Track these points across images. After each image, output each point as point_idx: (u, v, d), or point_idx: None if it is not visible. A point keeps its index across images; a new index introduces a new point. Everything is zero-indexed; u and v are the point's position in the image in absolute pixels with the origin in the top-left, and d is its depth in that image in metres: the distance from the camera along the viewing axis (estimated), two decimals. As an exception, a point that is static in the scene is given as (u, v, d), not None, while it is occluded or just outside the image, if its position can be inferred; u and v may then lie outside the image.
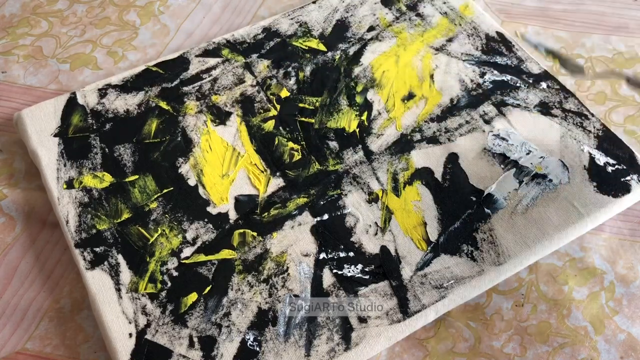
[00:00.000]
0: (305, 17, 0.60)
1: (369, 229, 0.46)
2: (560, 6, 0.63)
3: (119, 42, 0.61)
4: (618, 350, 0.41)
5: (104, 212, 0.47)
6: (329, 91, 0.54)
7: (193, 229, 0.46)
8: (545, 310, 0.43)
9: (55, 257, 0.47)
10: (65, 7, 0.64)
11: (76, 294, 0.45)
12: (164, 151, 0.50)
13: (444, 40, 0.58)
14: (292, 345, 0.41)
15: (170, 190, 0.48)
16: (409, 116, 0.52)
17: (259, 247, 0.45)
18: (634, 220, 0.47)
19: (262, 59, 0.56)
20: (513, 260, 0.44)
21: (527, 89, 0.54)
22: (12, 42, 0.61)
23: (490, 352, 0.42)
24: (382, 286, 0.43)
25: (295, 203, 0.47)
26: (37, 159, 0.50)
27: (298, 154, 0.50)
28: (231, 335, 0.41)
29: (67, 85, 0.57)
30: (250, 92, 0.54)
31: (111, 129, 0.52)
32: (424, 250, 0.45)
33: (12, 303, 0.44)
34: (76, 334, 0.43)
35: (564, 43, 0.59)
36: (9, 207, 0.49)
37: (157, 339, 0.41)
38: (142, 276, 0.44)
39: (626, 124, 0.53)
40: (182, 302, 0.42)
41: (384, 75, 0.55)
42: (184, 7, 0.64)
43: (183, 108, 0.53)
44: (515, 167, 0.48)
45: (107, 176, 0.49)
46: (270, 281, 0.43)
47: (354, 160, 0.50)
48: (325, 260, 0.44)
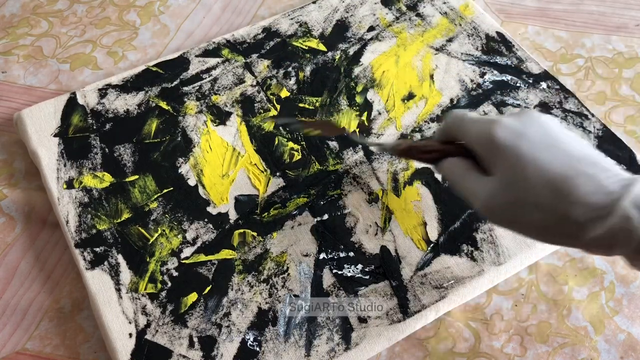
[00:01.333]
0: (305, 17, 0.60)
1: (369, 229, 0.46)
2: (560, 6, 0.63)
3: (119, 42, 0.61)
4: (618, 350, 0.41)
5: (104, 212, 0.47)
6: (329, 91, 0.54)
7: (193, 229, 0.46)
8: (545, 310, 0.43)
9: (55, 257, 0.47)
10: (65, 7, 0.64)
11: (76, 294, 0.45)
12: (164, 151, 0.50)
13: (444, 40, 0.58)
14: (292, 345, 0.41)
15: (170, 190, 0.48)
16: (409, 116, 0.52)
17: (259, 247, 0.45)
18: (634, 220, 0.47)
19: (262, 59, 0.56)
20: (513, 260, 0.44)
21: (527, 89, 0.54)
22: (12, 42, 0.61)
23: (490, 352, 0.42)
24: (382, 286, 0.43)
25: (295, 203, 0.47)
26: (37, 159, 0.50)
27: (298, 154, 0.50)
28: (231, 335, 0.41)
29: (67, 85, 0.57)
30: (250, 92, 0.54)
31: (111, 129, 0.52)
32: (424, 250, 0.45)
33: (12, 303, 0.44)
34: (76, 334, 0.43)
35: (564, 43, 0.59)
36: (9, 207, 0.49)
37: (157, 339, 0.41)
38: (142, 276, 0.44)
39: (626, 124, 0.53)
40: (182, 302, 0.42)
41: (384, 75, 0.55)
42: (184, 7, 0.64)
43: (183, 108, 0.53)
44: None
45: (107, 176, 0.49)
46: (270, 281, 0.43)
47: (354, 160, 0.50)
48: (325, 260, 0.44)
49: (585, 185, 0.30)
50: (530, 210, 0.32)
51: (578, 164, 0.31)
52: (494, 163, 0.34)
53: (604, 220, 0.30)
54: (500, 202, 0.33)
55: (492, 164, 0.34)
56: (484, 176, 0.35)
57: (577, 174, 0.31)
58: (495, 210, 0.34)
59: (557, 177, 0.31)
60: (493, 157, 0.34)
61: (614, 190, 0.30)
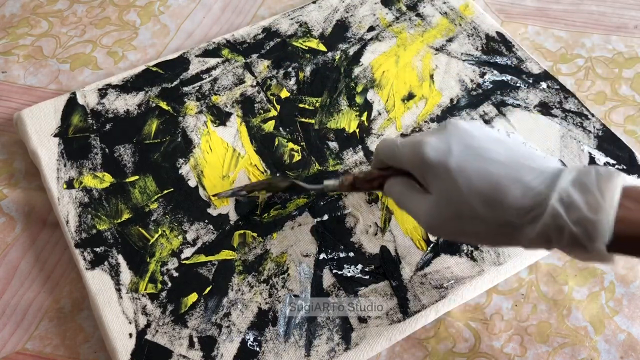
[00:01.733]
0: (305, 17, 0.60)
1: (369, 229, 0.46)
2: (560, 6, 0.63)
3: (119, 42, 0.61)
4: (618, 350, 0.41)
5: (104, 212, 0.47)
6: (329, 91, 0.54)
7: (193, 229, 0.46)
8: (545, 310, 0.43)
9: (55, 257, 0.47)
10: (65, 7, 0.64)
11: (76, 294, 0.45)
12: (164, 152, 0.50)
13: (444, 40, 0.58)
14: (292, 345, 0.41)
15: (170, 191, 0.48)
16: (409, 116, 0.52)
17: (259, 247, 0.45)
18: (633, 220, 0.47)
19: (262, 59, 0.56)
20: (513, 260, 0.44)
21: (527, 89, 0.54)
22: (12, 42, 0.61)
23: (490, 352, 0.42)
24: (382, 286, 0.43)
25: (295, 204, 0.47)
26: (37, 159, 0.50)
27: (298, 154, 0.50)
28: (231, 336, 0.41)
29: (67, 85, 0.57)
30: (250, 92, 0.54)
31: (111, 129, 0.52)
32: (424, 250, 0.45)
33: (12, 303, 0.44)
34: (76, 334, 0.43)
35: (564, 43, 0.59)
36: (9, 207, 0.49)
37: (157, 339, 0.41)
38: (142, 276, 0.44)
39: (626, 124, 0.53)
40: (182, 303, 0.42)
41: (384, 75, 0.55)
42: (184, 7, 0.64)
43: (183, 108, 0.53)
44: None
45: (107, 176, 0.49)
46: (270, 281, 0.43)
47: (354, 160, 0.50)
48: (325, 261, 0.44)
49: (514, 190, 0.31)
50: (470, 221, 0.33)
51: (504, 169, 0.32)
52: (429, 182, 0.34)
53: (537, 220, 0.30)
54: (441, 218, 0.34)
55: (427, 183, 0.35)
56: (424, 194, 0.36)
57: (504, 181, 0.31)
58: (437, 227, 0.35)
59: (486, 186, 0.32)
60: (427, 176, 0.34)
61: (540, 190, 0.30)
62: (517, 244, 0.32)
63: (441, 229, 0.35)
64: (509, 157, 0.32)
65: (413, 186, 0.37)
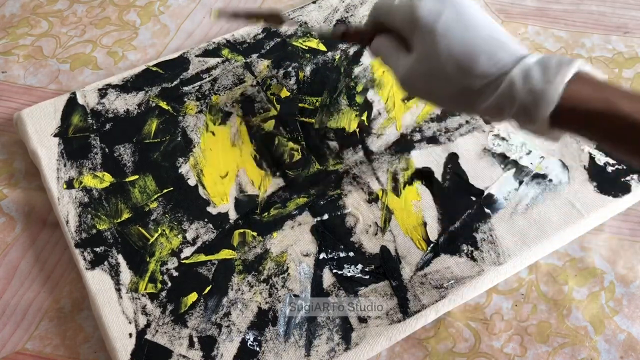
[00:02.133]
0: (305, 17, 0.60)
1: (369, 229, 0.46)
2: (560, 6, 0.63)
3: (119, 42, 0.61)
4: (618, 350, 0.41)
5: (104, 212, 0.47)
6: (329, 91, 0.54)
7: (193, 229, 0.46)
8: (545, 310, 0.43)
9: (55, 257, 0.47)
10: (65, 7, 0.64)
11: (76, 294, 0.45)
12: (164, 151, 0.50)
13: (444, 40, 0.58)
14: (292, 345, 0.41)
15: (170, 190, 0.48)
16: (409, 116, 0.52)
17: (259, 247, 0.45)
18: (634, 220, 0.47)
19: (262, 59, 0.56)
20: (513, 260, 0.44)
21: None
22: (12, 42, 0.61)
23: (490, 352, 0.42)
24: (382, 286, 0.43)
25: (295, 203, 0.47)
26: (37, 159, 0.50)
27: (298, 153, 0.50)
28: (231, 335, 0.41)
29: (67, 85, 0.57)
30: (250, 92, 0.54)
31: (111, 129, 0.52)
32: (424, 250, 0.45)
33: (12, 303, 0.44)
34: (76, 334, 0.43)
35: (564, 43, 0.59)
36: (9, 207, 0.49)
37: (157, 339, 0.41)
38: (142, 276, 0.44)
39: (626, 124, 0.53)
40: (182, 302, 0.42)
41: (384, 75, 0.55)
42: (184, 7, 0.64)
43: (183, 108, 0.53)
44: (515, 167, 0.48)
45: (107, 176, 0.49)
46: (270, 281, 0.43)
47: (354, 160, 0.50)
48: (325, 260, 0.44)
49: (485, 61, 0.34)
50: (440, 82, 0.36)
51: (483, 43, 0.35)
52: (414, 41, 0.37)
53: (496, 89, 0.34)
54: (414, 75, 0.37)
55: (412, 41, 0.38)
56: (406, 53, 0.39)
57: (480, 52, 0.34)
58: (411, 82, 0.38)
59: (462, 54, 0.35)
60: (413, 34, 0.37)
61: (506, 63, 0.34)
62: (473, 110, 0.36)
63: (413, 85, 0.38)
64: (491, 35, 0.35)
65: (398, 45, 0.39)
